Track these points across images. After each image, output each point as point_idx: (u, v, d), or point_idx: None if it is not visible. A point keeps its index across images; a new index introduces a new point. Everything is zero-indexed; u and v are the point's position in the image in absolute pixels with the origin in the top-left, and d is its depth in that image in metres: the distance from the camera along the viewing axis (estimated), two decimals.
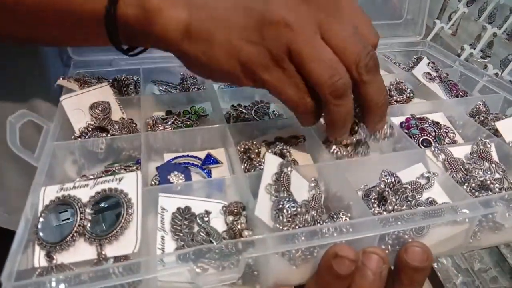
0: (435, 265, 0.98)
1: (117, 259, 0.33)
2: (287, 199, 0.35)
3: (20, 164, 0.61)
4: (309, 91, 0.38)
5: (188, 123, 0.53)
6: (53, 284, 0.29)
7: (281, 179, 0.37)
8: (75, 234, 0.33)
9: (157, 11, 0.37)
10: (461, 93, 0.59)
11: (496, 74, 0.81)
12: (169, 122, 0.53)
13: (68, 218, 0.35)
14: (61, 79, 0.54)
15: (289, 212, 0.34)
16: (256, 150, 0.47)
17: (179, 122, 0.54)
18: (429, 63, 0.62)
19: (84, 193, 0.36)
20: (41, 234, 0.34)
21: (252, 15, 0.37)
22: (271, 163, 0.39)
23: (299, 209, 0.35)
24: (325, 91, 0.37)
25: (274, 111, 0.57)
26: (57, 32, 0.43)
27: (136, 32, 0.39)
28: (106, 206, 0.35)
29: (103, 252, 0.32)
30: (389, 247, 0.35)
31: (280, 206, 0.34)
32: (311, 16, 0.37)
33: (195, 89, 0.61)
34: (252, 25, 0.36)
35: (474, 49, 0.90)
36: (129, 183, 0.36)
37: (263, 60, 0.37)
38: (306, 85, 0.38)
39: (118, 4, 0.37)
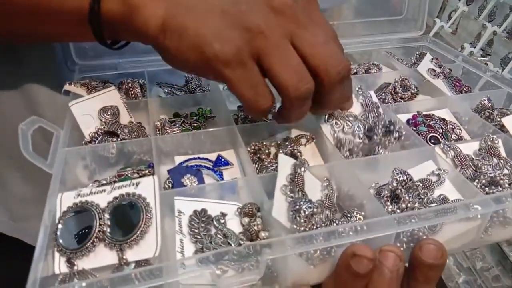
0: None
1: (138, 263, 0.33)
2: (304, 200, 0.35)
3: (24, 172, 0.62)
4: (268, 95, 0.40)
5: (196, 125, 0.54)
6: None
7: (296, 179, 0.38)
8: (95, 239, 0.34)
9: (138, 7, 0.38)
10: (465, 89, 0.59)
11: (497, 72, 0.81)
12: (177, 125, 0.53)
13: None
14: (67, 84, 0.54)
15: (306, 212, 0.34)
16: (267, 151, 0.47)
17: (187, 125, 0.54)
18: (432, 59, 0.63)
19: (102, 199, 0.36)
20: (60, 240, 0.34)
21: (227, 17, 0.38)
22: (284, 164, 0.39)
23: (315, 209, 0.35)
24: (290, 95, 0.39)
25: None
26: (41, 29, 0.44)
27: (119, 27, 0.41)
28: (124, 211, 0.35)
29: (124, 257, 0.33)
30: (404, 244, 0.36)
31: (297, 207, 0.35)
32: (283, 25, 0.38)
33: (201, 90, 0.61)
34: (225, 26, 0.38)
35: (474, 47, 0.91)
36: (146, 188, 0.36)
37: (227, 56, 0.38)
38: (264, 88, 0.39)
39: (101, 1, 0.39)
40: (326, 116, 0.48)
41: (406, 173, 0.40)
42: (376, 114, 0.48)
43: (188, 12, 0.39)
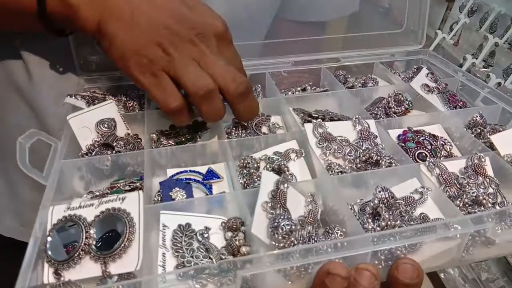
0: (442, 275, 0.98)
1: (121, 276, 0.35)
2: (282, 217, 0.36)
3: (33, 179, 0.64)
4: (176, 96, 0.47)
5: (190, 137, 0.55)
6: None
7: (278, 196, 0.39)
8: (81, 252, 0.35)
9: (75, 9, 0.46)
10: (459, 104, 0.59)
11: (499, 84, 0.81)
12: (172, 137, 0.55)
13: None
14: (68, 97, 0.56)
15: (284, 229, 0.35)
16: (256, 165, 0.48)
17: (181, 137, 0.55)
18: (428, 73, 0.63)
19: (90, 213, 0.37)
20: (49, 252, 0.36)
21: (149, 35, 0.46)
22: (267, 180, 0.40)
23: (293, 226, 0.36)
24: (194, 95, 0.47)
25: (274, 123, 0.58)
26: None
27: (64, 22, 0.49)
28: (109, 225, 0.36)
29: (107, 270, 0.34)
30: (382, 262, 0.37)
31: (276, 224, 0.36)
32: (193, 53, 0.46)
33: None
34: (146, 42, 0.46)
35: (476, 59, 0.90)
36: (131, 202, 0.38)
37: (143, 69, 0.46)
38: (172, 89, 0.47)
39: (46, 1, 0.46)
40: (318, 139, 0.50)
41: (388, 191, 0.40)
42: (373, 144, 0.49)
43: (118, 22, 0.46)
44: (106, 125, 0.52)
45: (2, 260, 0.75)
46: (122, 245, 0.35)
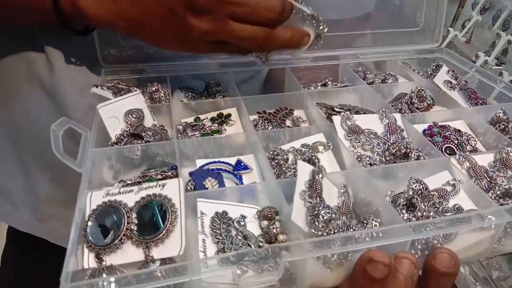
0: None
1: (163, 261, 0.35)
2: (322, 205, 0.37)
3: (51, 173, 0.64)
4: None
5: (216, 129, 0.55)
6: (105, 284, 0.31)
7: (314, 185, 0.39)
8: (123, 237, 0.35)
9: (85, 11, 0.49)
10: (480, 101, 0.60)
11: (508, 83, 0.81)
12: (198, 128, 0.55)
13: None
14: (94, 87, 0.56)
15: (325, 218, 0.36)
16: (285, 157, 0.49)
17: (207, 128, 0.56)
18: (448, 71, 0.63)
19: (129, 198, 0.38)
20: (90, 237, 0.36)
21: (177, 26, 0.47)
22: (303, 170, 0.41)
23: (333, 215, 0.36)
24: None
25: (298, 117, 0.59)
26: (21, 21, 0.56)
27: (78, 20, 0.52)
28: (151, 210, 0.37)
29: (150, 255, 0.34)
30: (419, 252, 0.37)
31: (316, 212, 0.36)
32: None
33: (220, 96, 0.63)
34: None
35: (489, 56, 0.91)
36: (172, 189, 0.38)
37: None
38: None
39: (59, 3, 0.49)
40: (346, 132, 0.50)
41: (422, 183, 0.41)
42: (400, 137, 0.49)
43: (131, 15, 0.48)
44: (134, 115, 0.52)
45: (19, 253, 0.75)
46: (166, 230, 0.35)
